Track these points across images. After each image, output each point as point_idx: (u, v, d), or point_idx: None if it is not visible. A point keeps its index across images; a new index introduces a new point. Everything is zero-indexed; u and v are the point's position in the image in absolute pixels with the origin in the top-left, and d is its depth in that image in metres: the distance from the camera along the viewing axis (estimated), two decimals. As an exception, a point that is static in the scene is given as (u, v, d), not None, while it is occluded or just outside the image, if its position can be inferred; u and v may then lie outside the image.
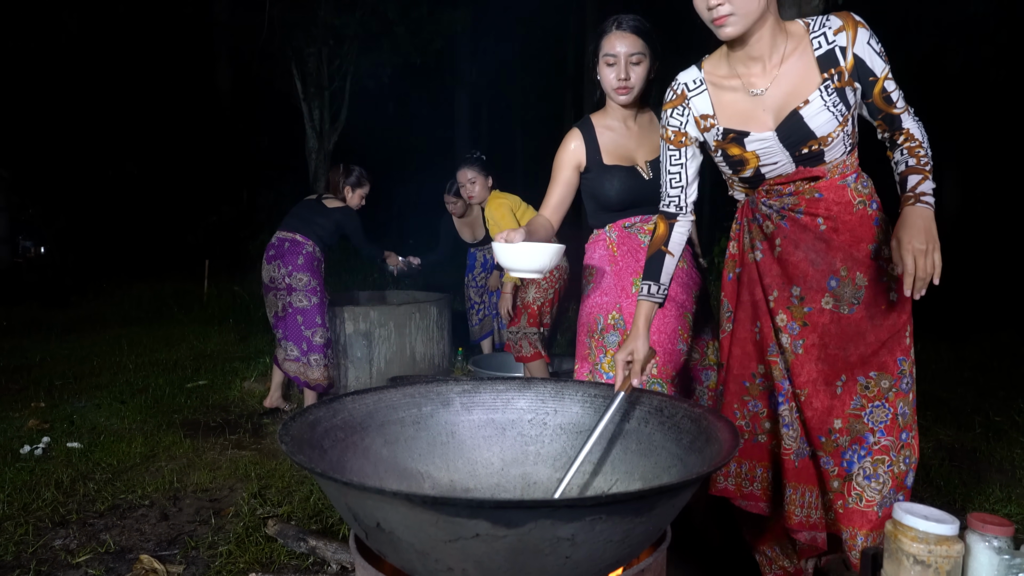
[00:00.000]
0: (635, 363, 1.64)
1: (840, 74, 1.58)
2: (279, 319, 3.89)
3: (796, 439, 1.77)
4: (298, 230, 3.93)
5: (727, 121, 1.69)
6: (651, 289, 1.74)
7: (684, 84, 1.74)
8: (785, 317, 1.74)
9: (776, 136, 1.64)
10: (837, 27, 1.57)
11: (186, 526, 2.60)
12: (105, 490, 2.90)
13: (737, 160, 1.71)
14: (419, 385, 1.75)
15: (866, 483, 1.69)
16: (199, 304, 8.18)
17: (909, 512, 1.24)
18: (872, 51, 1.57)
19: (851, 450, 1.70)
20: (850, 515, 1.71)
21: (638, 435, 1.65)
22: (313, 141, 9.60)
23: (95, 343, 6.20)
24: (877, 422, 1.69)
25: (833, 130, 1.60)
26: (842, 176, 1.68)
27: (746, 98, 1.65)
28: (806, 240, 1.70)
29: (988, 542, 1.19)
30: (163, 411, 4.08)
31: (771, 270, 1.76)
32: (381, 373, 4.44)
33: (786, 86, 1.61)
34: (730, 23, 1.51)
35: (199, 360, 5.51)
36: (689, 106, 1.73)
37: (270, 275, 3.89)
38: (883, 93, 1.59)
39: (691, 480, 1.20)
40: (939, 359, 5.07)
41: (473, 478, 1.72)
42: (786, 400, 1.77)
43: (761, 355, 1.81)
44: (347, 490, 1.17)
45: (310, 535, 2.33)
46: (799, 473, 1.78)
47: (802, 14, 4.27)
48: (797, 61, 1.60)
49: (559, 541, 1.08)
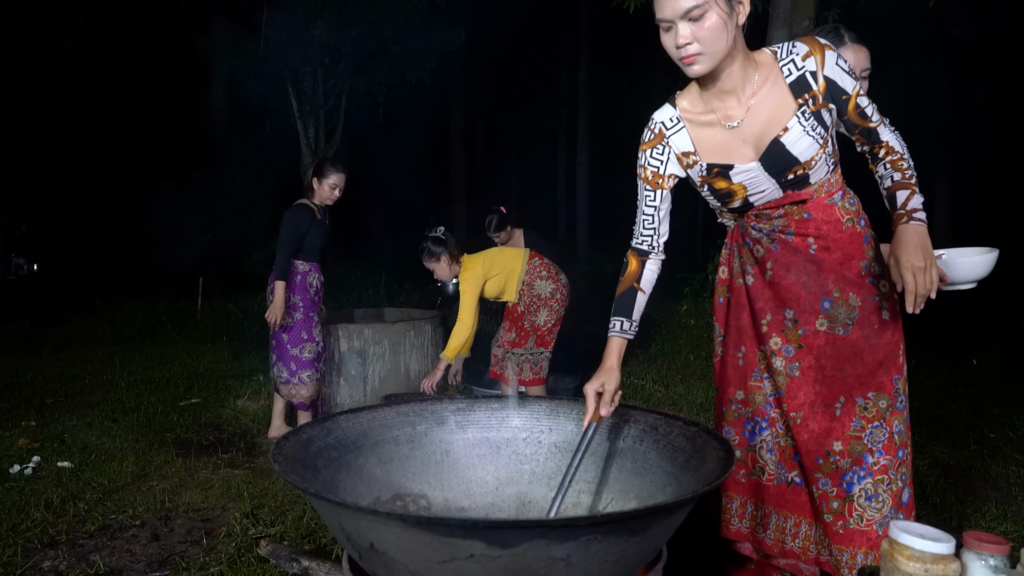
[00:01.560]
0: (605, 394, 1.65)
1: (814, 98, 1.60)
2: (272, 339, 3.86)
3: (775, 463, 1.79)
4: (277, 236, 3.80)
5: (709, 156, 1.70)
6: (623, 325, 1.74)
7: (661, 123, 1.74)
8: (780, 340, 1.75)
9: (760, 166, 1.65)
10: (804, 53, 1.60)
11: (177, 547, 2.57)
12: (95, 510, 2.87)
13: (725, 193, 1.73)
14: (413, 403, 1.74)
15: (867, 503, 1.69)
16: (193, 322, 8.15)
17: (905, 531, 1.23)
18: (841, 71, 1.60)
19: (851, 472, 1.70)
20: (851, 535, 1.71)
21: (633, 454, 1.65)
22: (308, 159, 9.63)
23: (87, 361, 6.16)
24: (876, 442, 1.69)
25: (815, 153, 1.63)
26: (828, 194, 1.70)
27: (723, 132, 1.67)
28: (797, 262, 1.72)
29: (984, 560, 1.19)
30: (155, 430, 4.04)
31: (763, 294, 1.77)
32: (375, 391, 4.42)
33: (762, 116, 1.63)
34: (698, 62, 1.53)
35: (192, 378, 5.47)
36: (669, 144, 1.73)
37: (266, 296, 3.88)
38: (857, 109, 1.62)
39: (686, 499, 1.20)
40: (932, 376, 5.08)
41: (468, 497, 1.71)
42: (769, 426, 1.78)
43: (742, 380, 1.82)
44: (340, 510, 1.16)
45: (303, 555, 2.30)
46: (780, 499, 1.79)
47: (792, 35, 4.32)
48: (770, 90, 1.62)
49: (554, 561, 1.08)
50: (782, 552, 1.79)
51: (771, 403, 1.79)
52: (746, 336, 1.81)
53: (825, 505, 1.72)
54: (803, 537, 1.78)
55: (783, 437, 1.79)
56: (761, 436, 1.79)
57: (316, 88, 9.38)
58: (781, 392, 1.75)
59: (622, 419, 1.70)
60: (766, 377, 1.79)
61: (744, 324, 1.81)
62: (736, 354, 1.83)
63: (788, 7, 4.45)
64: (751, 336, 1.80)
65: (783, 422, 1.78)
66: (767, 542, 1.80)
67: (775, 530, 1.80)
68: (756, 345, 1.80)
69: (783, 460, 1.79)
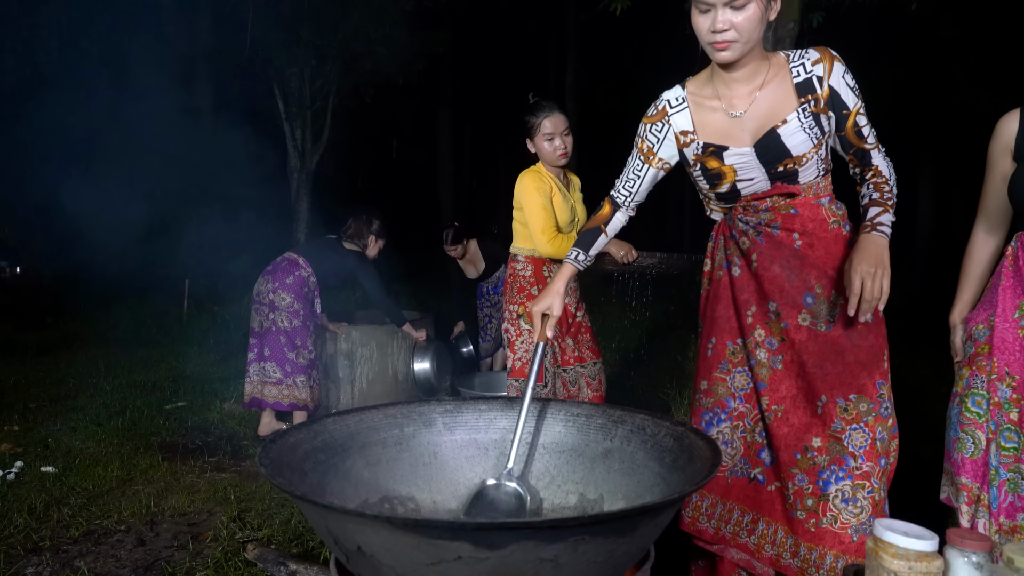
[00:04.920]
0: (551, 317, 1.77)
1: (816, 100, 1.66)
2: (258, 335, 3.85)
3: (734, 457, 1.81)
4: (302, 254, 3.94)
5: (707, 136, 1.75)
6: (578, 256, 1.87)
7: (667, 101, 1.80)
8: (764, 332, 1.76)
9: (753, 152, 1.70)
10: (815, 59, 1.66)
11: (163, 551, 2.55)
12: (80, 515, 2.84)
13: (715, 173, 1.76)
14: (401, 405, 1.74)
15: (843, 506, 1.69)
16: (179, 325, 8.08)
17: (889, 528, 1.24)
18: (846, 85, 1.66)
19: (829, 470, 1.70)
20: (822, 534, 1.70)
21: (621, 454, 1.65)
22: (295, 160, 9.58)
23: (71, 365, 6.09)
24: (857, 446, 1.69)
25: (808, 151, 1.67)
26: (816, 196, 1.74)
27: (726, 118, 1.72)
28: (781, 256, 1.74)
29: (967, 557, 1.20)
30: (141, 433, 4.01)
31: (748, 286, 1.78)
32: (363, 393, 4.40)
33: (764, 109, 1.68)
34: (731, 49, 1.58)
35: (178, 381, 5.43)
36: (669, 123, 1.79)
37: (257, 289, 3.89)
38: (855, 127, 1.68)
39: (674, 499, 1.20)
40: (916, 375, 5.13)
41: (456, 499, 1.71)
42: (730, 419, 1.79)
43: (707, 371, 1.85)
44: (327, 513, 1.16)
45: (290, 559, 2.29)
46: (741, 494, 1.79)
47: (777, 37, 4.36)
48: (777, 87, 1.68)
49: (542, 562, 1.08)
50: (736, 545, 1.80)
51: (740, 397, 1.80)
52: (719, 328, 1.83)
53: (799, 502, 1.72)
54: (759, 535, 1.78)
55: (751, 433, 1.80)
56: (718, 428, 1.81)
57: (303, 89, 9.33)
58: (763, 385, 1.75)
59: (610, 420, 1.70)
60: (738, 371, 1.80)
61: (719, 316, 1.83)
62: (707, 345, 1.86)
63: (773, 9, 4.48)
64: (725, 329, 1.82)
65: (755, 417, 1.79)
66: (725, 535, 1.81)
67: (734, 524, 1.81)
68: (729, 338, 1.82)
69: (747, 456, 1.80)
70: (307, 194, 9.62)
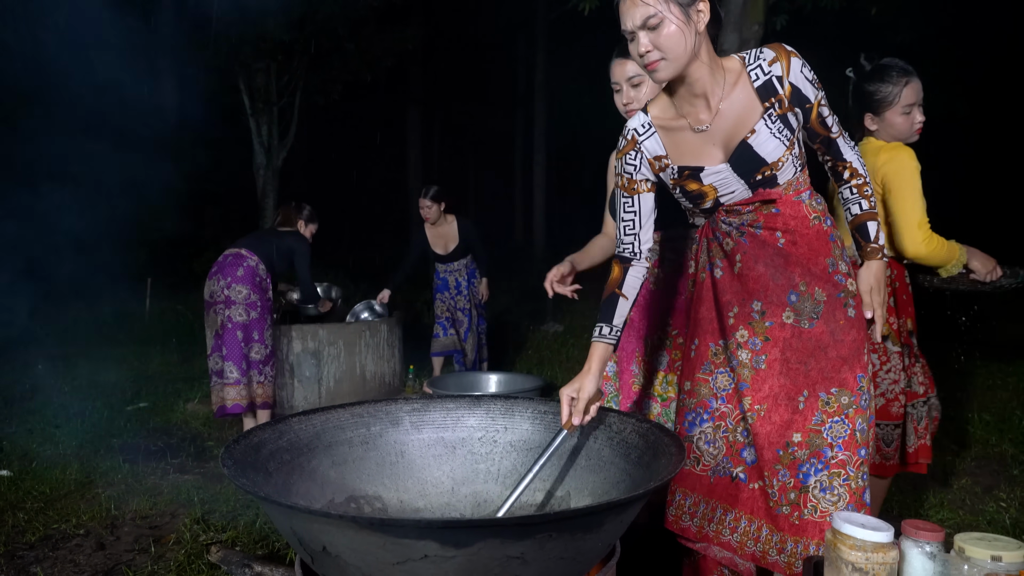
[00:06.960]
0: (579, 400, 1.65)
1: (780, 101, 1.67)
2: (218, 338, 3.78)
3: (717, 457, 1.83)
4: (243, 246, 3.91)
5: (680, 159, 1.75)
6: (604, 331, 1.76)
7: (634, 130, 1.79)
8: (747, 333, 1.78)
9: (730, 167, 1.71)
10: (771, 58, 1.66)
11: (124, 555, 2.49)
12: (36, 520, 2.76)
13: (696, 194, 1.78)
14: (367, 404, 1.73)
15: (822, 495, 1.73)
16: (140, 324, 7.91)
17: (847, 521, 1.27)
18: (805, 79, 1.67)
19: (808, 463, 1.74)
20: (804, 526, 1.74)
21: (587, 450, 1.66)
22: (261, 157, 9.44)
23: (27, 366, 5.92)
24: (836, 437, 1.73)
25: (782, 154, 1.69)
26: (796, 192, 1.76)
27: (693, 135, 1.73)
28: (766, 255, 1.76)
29: (921, 547, 1.24)
30: (100, 435, 3.91)
31: (731, 287, 1.81)
32: (330, 393, 4.36)
33: (730, 119, 1.69)
34: (660, 68, 1.59)
35: (140, 382, 5.32)
36: (641, 150, 1.79)
37: (210, 290, 3.82)
38: (819, 118, 1.70)
39: (639, 495, 1.22)
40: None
41: (423, 498, 1.71)
42: (713, 419, 1.82)
43: (691, 372, 1.86)
44: (292, 514, 1.15)
45: (255, 561, 2.26)
46: (723, 492, 1.82)
47: (742, 39, 4.42)
48: (739, 95, 1.68)
49: (509, 560, 1.08)
50: (719, 543, 1.82)
51: (722, 398, 1.82)
52: (702, 329, 1.85)
53: (783, 497, 1.75)
54: (741, 532, 1.81)
55: (732, 432, 1.82)
56: (701, 427, 1.83)
57: (269, 85, 9.20)
58: (745, 385, 1.78)
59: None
60: (720, 372, 1.82)
61: (701, 317, 1.85)
62: (691, 346, 1.87)
63: (738, 12, 4.55)
64: (707, 330, 1.84)
65: (737, 417, 1.81)
66: (708, 533, 1.84)
67: (717, 522, 1.83)
68: (712, 339, 1.83)
69: (729, 455, 1.82)
70: (273, 191, 9.49)
